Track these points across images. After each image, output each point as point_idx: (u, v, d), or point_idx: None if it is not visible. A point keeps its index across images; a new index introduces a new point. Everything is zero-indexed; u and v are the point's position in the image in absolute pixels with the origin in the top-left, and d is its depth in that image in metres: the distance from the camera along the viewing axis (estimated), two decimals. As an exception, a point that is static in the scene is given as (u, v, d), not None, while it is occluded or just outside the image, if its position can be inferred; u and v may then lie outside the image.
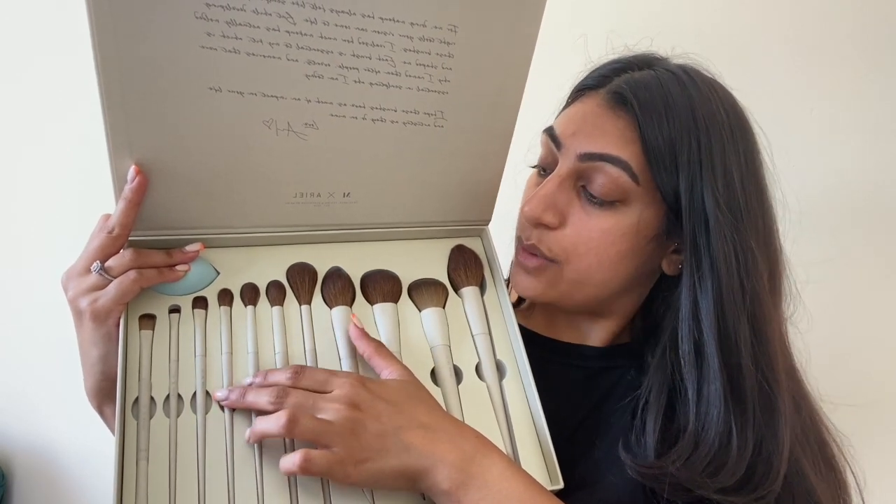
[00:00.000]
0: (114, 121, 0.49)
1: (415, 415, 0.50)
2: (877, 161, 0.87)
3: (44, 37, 1.31)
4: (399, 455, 0.48)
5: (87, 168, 1.24)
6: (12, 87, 1.36)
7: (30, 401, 1.47)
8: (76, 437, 1.44)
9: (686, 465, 0.52)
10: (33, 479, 1.50)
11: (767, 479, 0.52)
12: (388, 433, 0.48)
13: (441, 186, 0.62)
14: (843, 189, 0.88)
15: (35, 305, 1.40)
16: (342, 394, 0.49)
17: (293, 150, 0.55)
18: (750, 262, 0.55)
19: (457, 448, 0.49)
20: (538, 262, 0.62)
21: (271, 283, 0.59)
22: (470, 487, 0.48)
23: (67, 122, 1.32)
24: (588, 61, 0.66)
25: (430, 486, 0.49)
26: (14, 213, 1.43)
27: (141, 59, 0.47)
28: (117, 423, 0.49)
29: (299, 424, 0.47)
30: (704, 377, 0.54)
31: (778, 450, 0.53)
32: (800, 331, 0.62)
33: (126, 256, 0.53)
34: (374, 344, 0.55)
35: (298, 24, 0.49)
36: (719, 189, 0.55)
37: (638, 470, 0.53)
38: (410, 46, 0.52)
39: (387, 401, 0.50)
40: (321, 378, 0.51)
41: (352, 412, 0.48)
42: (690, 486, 0.51)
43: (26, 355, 1.45)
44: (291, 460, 0.46)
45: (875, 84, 0.87)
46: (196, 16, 0.46)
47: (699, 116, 0.56)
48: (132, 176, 0.51)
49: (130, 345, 0.53)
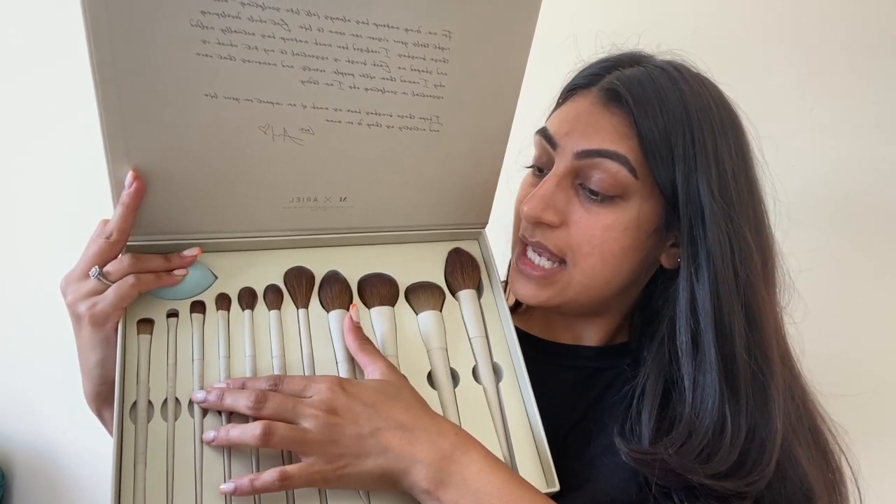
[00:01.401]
0: (111, 127, 0.50)
1: (392, 415, 0.50)
2: (868, 152, 0.87)
3: (42, 43, 1.32)
4: (377, 457, 0.49)
5: (87, 170, 1.25)
6: (11, 92, 1.37)
7: (30, 401, 1.48)
8: (76, 437, 1.44)
9: (679, 451, 0.52)
10: (33, 479, 1.50)
11: (759, 464, 0.53)
12: (366, 436, 0.49)
13: (437, 190, 0.62)
14: (834, 181, 0.88)
15: (35, 305, 1.41)
16: (320, 399, 0.50)
17: (289, 155, 0.55)
18: (744, 250, 0.55)
19: (434, 447, 0.49)
20: (543, 272, 0.62)
21: (269, 288, 0.60)
22: (449, 486, 0.48)
23: (66, 125, 1.32)
24: (578, 61, 0.66)
25: (409, 486, 0.49)
26: (14, 213, 1.43)
27: (137, 66, 0.47)
28: (115, 427, 0.50)
29: (275, 436, 0.47)
30: (700, 367, 0.55)
31: (770, 436, 0.53)
32: (794, 321, 0.62)
33: (124, 261, 0.53)
34: (361, 339, 0.56)
35: (293, 31, 0.49)
36: (713, 179, 0.55)
37: (632, 455, 0.54)
38: (405, 52, 0.53)
39: (364, 403, 0.50)
40: (298, 387, 0.51)
41: (329, 418, 0.49)
42: (682, 472, 0.52)
43: (26, 355, 1.46)
44: (270, 477, 0.47)
45: (866, 79, 0.87)
46: (191, 23, 0.47)
47: (691, 109, 0.57)
48: (129, 181, 0.52)
49: (128, 349, 0.54)
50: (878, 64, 0.87)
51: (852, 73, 0.88)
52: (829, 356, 0.74)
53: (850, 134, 0.88)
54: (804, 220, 0.78)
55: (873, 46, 0.87)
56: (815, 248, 0.79)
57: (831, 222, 0.88)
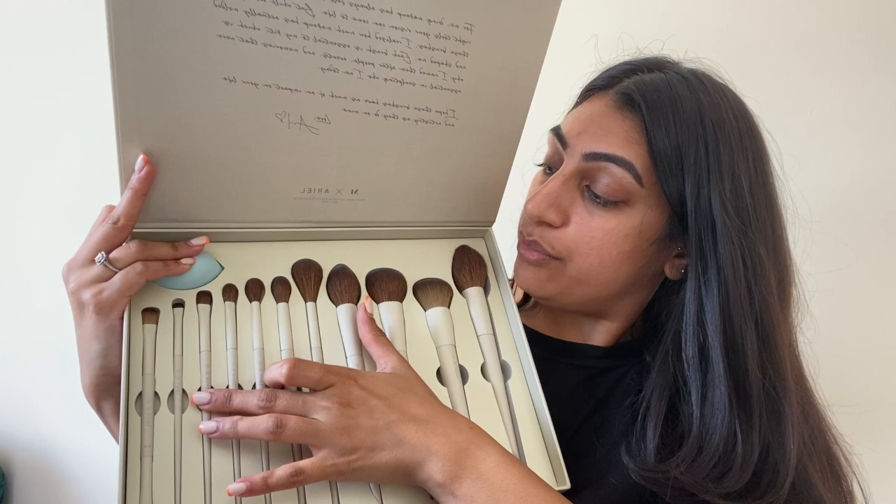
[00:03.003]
0: (124, 108, 0.48)
1: (407, 408, 0.50)
2: (887, 169, 0.87)
3: (50, 26, 1.29)
4: (392, 449, 0.48)
5: (87, 170, 1.23)
6: (10, 91, 1.33)
7: (30, 401, 1.45)
8: (76, 437, 1.41)
9: (689, 469, 0.52)
10: (33, 479, 1.46)
11: (774, 486, 0.52)
12: (381, 428, 0.48)
13: (447, 186, 0.62)
14: (856, 198, 0.87)
15: (35, 305, 1.38)
16: (333, 392, 0.49)
17: (304, 144, 0.54)
18: (758, 267, 0.55)
19: (450, 440, 0.49)
20: (539, 256, 0.62)
21: (276, 280, 0.58)
22: (464, 479, 0.48)
23: (67, 124, 1.30)
24: (599, 62, 0.66)
25: (424, 479, 0.48)
26: (14, 213, 1.40)
27: (156, 46, 0.46)
28: (121, 419, 0.48)
29: (287, 429, 0.46)
30: (709, 381, 0.54)
31: (785, 457, 0.53)
32: (808, 339, 0.62)
33: (132, 248, 0.51)
34: (375, 331, 0.55)
35: (317, 17, 0.48)
36: (727, 194, 0.55)
37: (640, 474, 0.53)
38: (426, 43, 0.52)
39: (378, 396, 0.49)
40: (315, 376, 0.49)
41: (343, 410, 0.48)
42: (694, 491, 0.51)
43: (27, 355, 1.43)
44: (283, 473, 0.46)
45: (881, 85, 0.87)
46: (215, 4, 0.46)
47: (707, 121, 0.56)
48: (140, 165, 0.50)
49: (134, 339, 0.52)
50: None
51: (877, 85, 0.86)
52: (839, 372, 0.73)
53: (873, 146, 0.87)
54: (825, 235, 0.76)
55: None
56: (838, 269, 0.79)
57: (852, 238, 0.86)
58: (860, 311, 0.88)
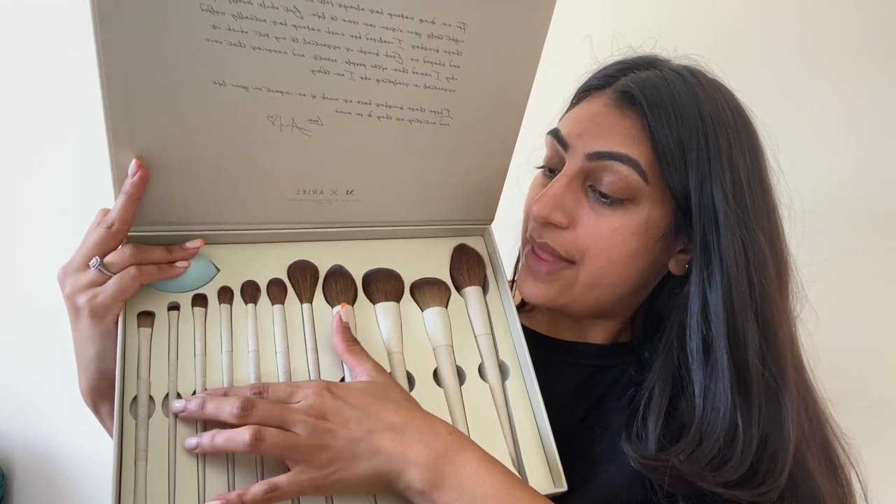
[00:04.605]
0: (115, 113, 0.48)
1: (383, 416, 0.49)
2: (882, 161, 0.86)
3: (43, 27, 1.30)
4: (369, 460, 0.48)
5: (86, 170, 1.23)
6: (10, 91, 1.34)
7: (30, 401, 1.47)
8: (76, 437, 1.43)
9: (689, 459, 0.52)
10: (33, 479, 1.49)
11: (772, 475, 0.52)
12: (357, 439, 0.48)
13: (444, 185, 0.61)
14: (848, 189, 0.87)
15: (35, 306, 1.39)
16: (308, 405, 0.48)
17: (297, 146, 0.54)
18: (759, 258, 0.55)
19: (428, 447, 0.48)
20: (551, 267, 0.61)
21: (272, 281, 0.58)
22: (443, 487, 0.47)
23: (64, 124, 1.31)
24: (594, 62, 0.66)
25: (404, 489, 0.48)
26: (12, 213, 1.41)
27: (144, 50, 0.46)
28: (116, 423, 0.48)
29: (265, 442, 0.46)
30: (712, 374, 0.54)
31: (783, 446, 0.53)
32: (808, 330, 0.62)
33: (126, 252, 0.52)
34: (349, 340, 0.55)
35: (306, 19, 0.48)
36: (727, 185, 0.55)
37: (640, 461, 0.53)
38: (419, 43, 0.52)
39: (353, 406, 0.49)
40: (284, 394, 0.49)
41: (319, 423, 0.48)
42: (693, 479, 0.51)
43: (26, 355, 1.44)
44: (259, 490, 0.45)
45: (880, 84, 0.86)
46: (202, 8, 0.45)
47: (706, 115, 0.56)
48: (133, 170, 0.50)
49: (129, 343, 0.52)
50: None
51: (874, 84, 0.86)
52: (838, 364, 0.73)
53: (870, 143, 0.87)
54: (819, 227, 0.77)
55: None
56: (830, 259, 0.79)
57: (846, 229, 0.86)
58: (860, 311, 0.88)
